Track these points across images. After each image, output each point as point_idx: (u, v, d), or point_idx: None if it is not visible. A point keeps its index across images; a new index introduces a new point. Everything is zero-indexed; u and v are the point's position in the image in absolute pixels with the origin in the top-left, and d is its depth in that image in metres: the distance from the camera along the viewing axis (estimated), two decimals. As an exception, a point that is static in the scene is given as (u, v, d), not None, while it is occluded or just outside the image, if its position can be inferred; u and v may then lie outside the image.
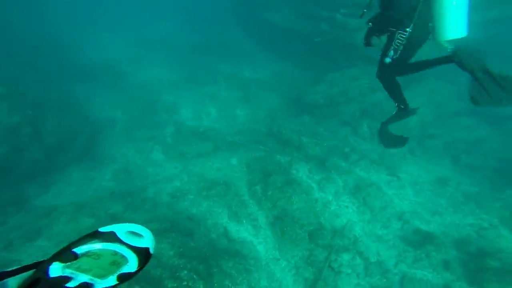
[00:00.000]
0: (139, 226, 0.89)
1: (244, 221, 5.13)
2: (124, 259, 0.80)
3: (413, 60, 3.12)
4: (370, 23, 3.01)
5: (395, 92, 3.27)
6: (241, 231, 5.00)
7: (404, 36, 2.84)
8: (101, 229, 0.85)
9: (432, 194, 5.71)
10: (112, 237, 0.84)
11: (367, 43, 3.07)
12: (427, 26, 2.83)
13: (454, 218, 5.13)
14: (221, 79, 10.05)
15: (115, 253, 0.80)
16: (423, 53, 3.19)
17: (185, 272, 4.02)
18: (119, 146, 7.33)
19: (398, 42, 2.87)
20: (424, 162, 6.49)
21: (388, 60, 2.94)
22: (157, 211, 5.14)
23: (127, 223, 0.88)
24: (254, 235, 4.93)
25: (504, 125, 7.17)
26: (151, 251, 0.84)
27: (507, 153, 6.45)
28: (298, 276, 4.34)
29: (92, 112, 8.22)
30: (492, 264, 4.08)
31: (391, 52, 2.91)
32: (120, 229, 0.86)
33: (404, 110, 3.34)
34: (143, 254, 0.82)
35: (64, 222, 4.78)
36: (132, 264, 0.78)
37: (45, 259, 0.78)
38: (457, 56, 2.70)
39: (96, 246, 0.81)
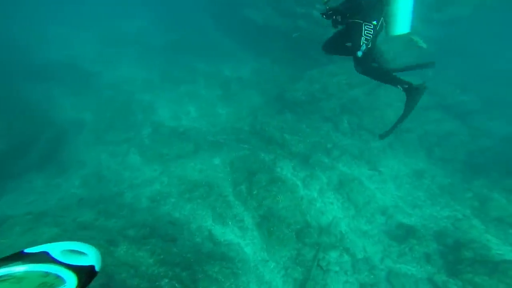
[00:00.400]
0: (81, 243, 0.81)
1: (230, 223, 4.94)
2: (59, 280, 0.71)
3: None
4: (333, 11, 3.03)
5: (386, 77, 3.16)
6: (227, 233, 4.80)
7: (371, 28, 2.91)
8: (28, 250, 0.75)
9: (411, 187, 5.91)
10: (43, 258, 0.75)
11: (327, 17, 3.09)
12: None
13: (432, 211, 5.33)
14: (200, 77, 9.69)
15: (46, 274, 0.72)
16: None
17: (166, 280, 3.76)
18: (89, 150, 6.75)
19: (368, 34, 2.91)
20: (401, 156, 6.71)
21: (360, 53, 2.96)
22: (135, 217, 4.78)
23: (64, 242, 0.80)
24: (241, 237, 4.76)
25: (467, 119, 7.71)
26: (97, 269, 0.77)
27: (473, 145, 6.90)
28: (287, 277, 4.24)
29: (54, 114, 7.48)
30: (467, 254, 4.30)
31: (364, 46, 2.93)
32: (54, 248, 0.77)
33: (411, 89, 3.09)
34: (84, 272, 0.74)
35: (18, 234, 4.18)
36: (70, 285, 0.71)
37: None
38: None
39: (17, 269, 0.71)
